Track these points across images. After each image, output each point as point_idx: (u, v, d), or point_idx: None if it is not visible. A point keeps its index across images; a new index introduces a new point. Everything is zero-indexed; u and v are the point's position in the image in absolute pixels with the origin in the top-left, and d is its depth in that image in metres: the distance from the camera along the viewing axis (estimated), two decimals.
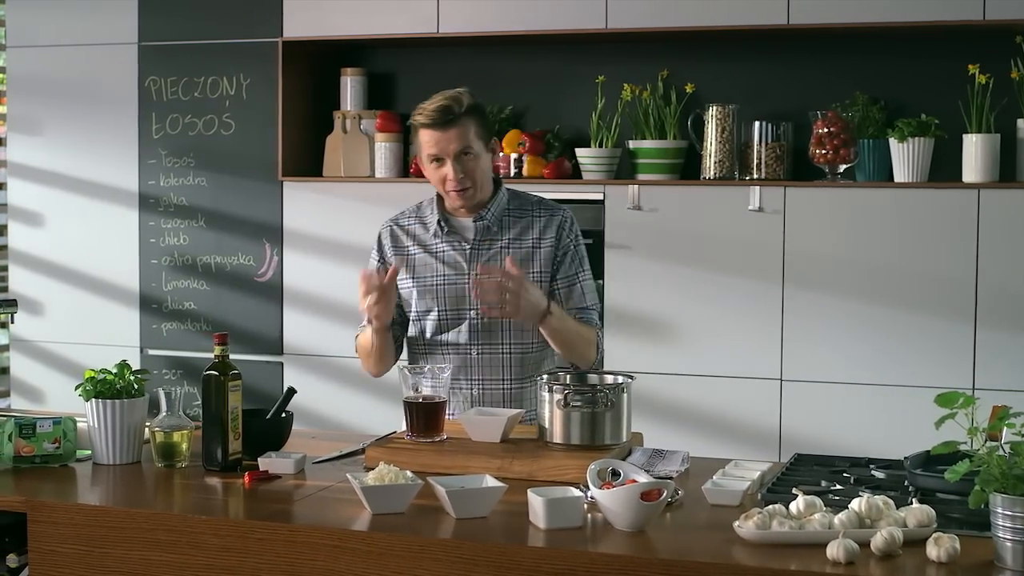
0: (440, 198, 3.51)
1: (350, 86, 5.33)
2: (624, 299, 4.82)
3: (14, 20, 5.63)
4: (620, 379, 3.14)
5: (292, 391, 3.24)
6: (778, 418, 4.67)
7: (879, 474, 2.85)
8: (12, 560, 2.83)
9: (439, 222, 3.48)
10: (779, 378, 4.67)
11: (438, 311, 3.47)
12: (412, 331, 3.54)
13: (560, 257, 3.47)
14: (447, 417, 3.18)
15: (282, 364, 5.28)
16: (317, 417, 5.18)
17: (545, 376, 3.13)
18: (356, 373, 5.17)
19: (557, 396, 3.03)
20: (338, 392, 5.20)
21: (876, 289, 4.57)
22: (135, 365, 5.35)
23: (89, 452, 3.08)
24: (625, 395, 3.06)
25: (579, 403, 3.02)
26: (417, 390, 3.12)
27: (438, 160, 3.38)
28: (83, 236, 5.57)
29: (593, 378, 3.20)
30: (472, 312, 3.43)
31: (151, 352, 5.49)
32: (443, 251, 3.48)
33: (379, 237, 3.58)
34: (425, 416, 3.12)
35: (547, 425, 3.06)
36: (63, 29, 5.54)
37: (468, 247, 3.47)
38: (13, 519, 2.83)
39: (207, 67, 5.35)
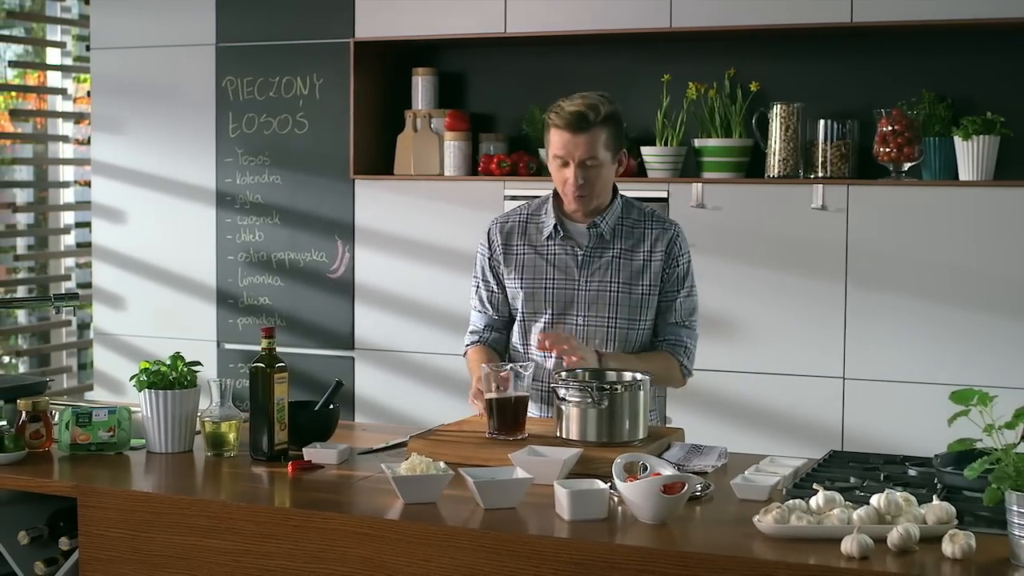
0: (557, 200, 3.52)
1: (421, 85, 5.41)
2: None
3: (99, 23, 5.80)
4: (628, 378, 3.16)
5: (340, 384, 3.31)
6: (840, 416, 4.66)
7: (912, 472, 2.85)
8: (64, 543, 2.94)
9: (555, 226, 3.49)
10: (841, 376, 4.66)
11: (547, 315, 3.48)
12: (515, 332, 3.55)
13: (668, 274, 3.48)
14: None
15: (353, 359, 5.38)
16: (387, 411, 5.28)
17: (563, 373, 3.18)
18: (426, 368, 5.26)
19: (561, 391, 3.08)
20: (408, 386, 5.29)
21: (939, 288, 4.54)
22: (212, 359, 5.55)
23: (144, 441, 3.19)
24: (642, 393, 3.08)
25: (576, 399, 3.06)
26: (500, 388, 3.14)
27: (563, 163, 3.39)
28: (163, 232, 5.73)
29: (611, 375, 3.22)
30: (579, 318, 3.45)
31: (227, 346, 5.62)
32: (555, 254, 3.49)
33: (489, 232, 3.58)
34: (508, 414, 3.15)
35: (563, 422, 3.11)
36: (144, 31, 5.70)
37: (581, 253, 3.47)
38: (69, 504, 2.95)
39: (282, 67, 5.47)
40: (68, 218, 6.53)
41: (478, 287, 3.62)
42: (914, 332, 4.58)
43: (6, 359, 6.67)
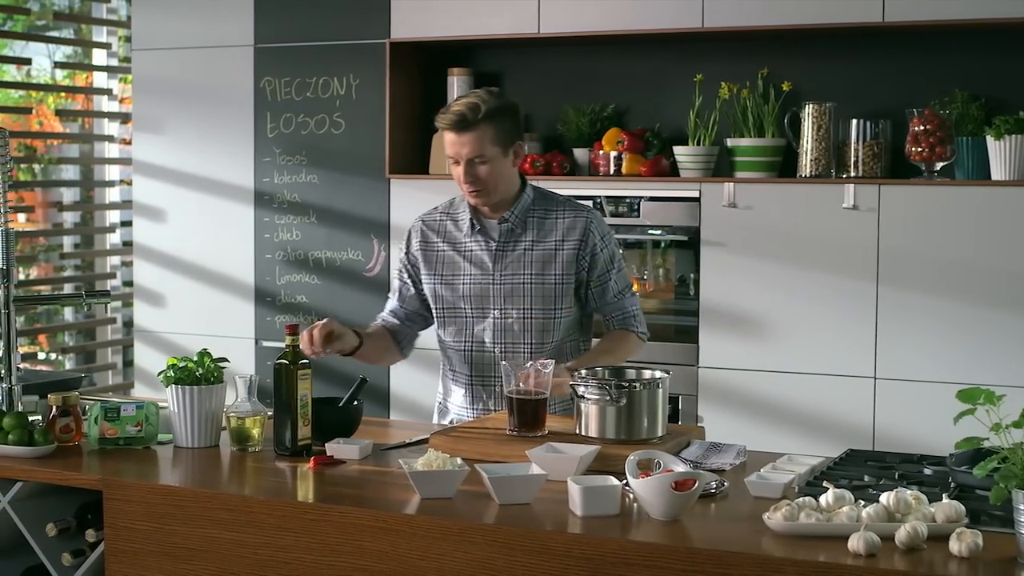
0: None
1: (456, 85, 5.45)
2: (718, 296, 4.86)
3: (139, 25, 5.88)
4: (650, 375, 3.17)
5: (364, 381, 3.35)
6: (871, 416, 4.66)
7: (927, 471, 2.85)
8: (90, 535, 3.00)
9: (471, 221, 3.57)
10: (873, 376, 4.66)
11: (464, 309, 3.57)
12: (437, 328, 3.66)
13: (590, 260, 3.53)
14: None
15: None
16: (425, 409, 5.29)
17: (584, 371, 3.20)
18: None
19: (579, 389, 3.10)
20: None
21: (971, 288, 4.53)
22: (250, 356, 5.62)
23: (171, 436, 3.24)
24: (660, 391, 3.09)
25: (595, 397, 3.08)
26: (519, 385, 3.18)
27: (454, 161, 3.49)
28: (202, 231, 5.80)
29: (631, 373, 3.24)
30: (495, 311, 3.53)
31: (265, 344, 5.68)
32: (471, 250, 3.58)
33: (409, 234, 3.69)
34: (528, 411, 3.18)
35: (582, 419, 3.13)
36: (184, 33, 5.78)
37: (494, 247, 3.55)
38: (96, 497, 3.01)
39: (319, 68, 5.53)
40: (113, 217, 6.61)
41: (397, 278, 3.73)
42: (946, 332, 4.56)
43: (52, 356, 6.77)
